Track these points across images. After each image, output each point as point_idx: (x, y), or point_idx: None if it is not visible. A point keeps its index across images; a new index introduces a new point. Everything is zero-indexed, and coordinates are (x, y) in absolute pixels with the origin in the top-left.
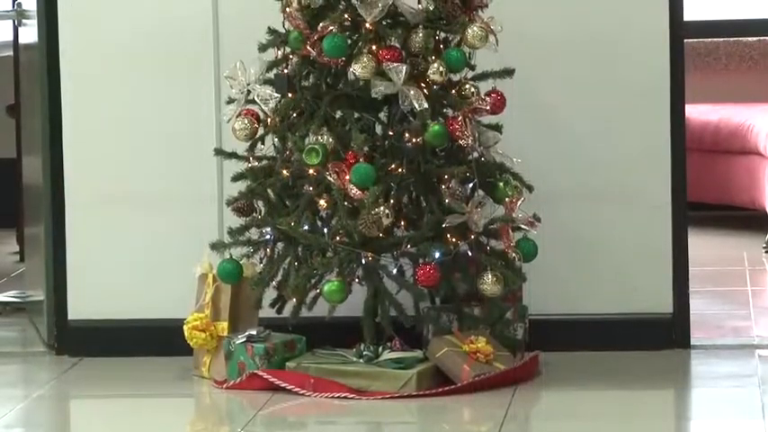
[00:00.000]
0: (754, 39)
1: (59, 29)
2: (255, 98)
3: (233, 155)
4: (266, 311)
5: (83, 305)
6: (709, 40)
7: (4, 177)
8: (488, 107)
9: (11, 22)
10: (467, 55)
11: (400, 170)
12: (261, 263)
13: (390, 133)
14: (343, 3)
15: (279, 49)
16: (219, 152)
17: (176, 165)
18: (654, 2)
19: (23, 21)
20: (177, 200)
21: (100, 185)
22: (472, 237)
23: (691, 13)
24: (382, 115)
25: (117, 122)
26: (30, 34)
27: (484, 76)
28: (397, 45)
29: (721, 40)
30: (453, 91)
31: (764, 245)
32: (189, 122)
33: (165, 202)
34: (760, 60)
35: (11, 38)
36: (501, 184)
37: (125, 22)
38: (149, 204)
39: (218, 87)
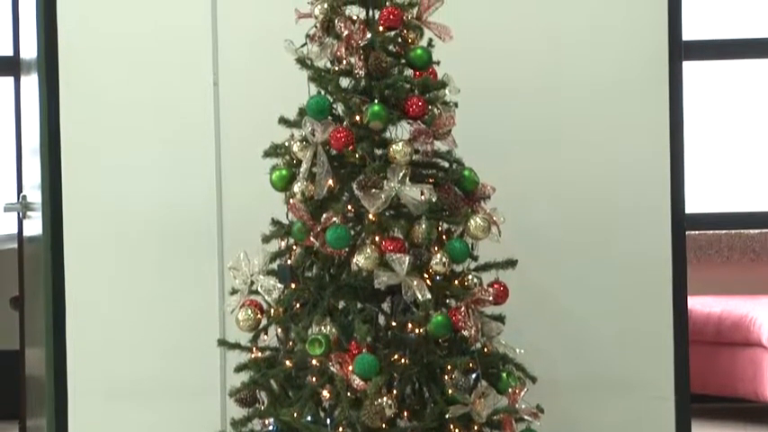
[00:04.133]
0: (756, 231)
1: (64, 222)
2: (259, 289)
3: (236, 345)
4: None
5: None
6: (711, 232)
7: (7, 369)
8: (491, 298)
9: (16, 214)
10: (469, 246)
11: (403, 361)
12: None
13: (393, 324)
14: (346, 194)
15: (282, 239)
16: (223, 343)
17: (180, 355)
18: (655, 193)
19: (28, 213)
20: (180, 391)
21: (103, 377)
22: (475, 428)
23: (692, 206)
24: (385, 306)
25: (120, 314)
26: (34, 227)
27: (486, 267)
28: (400, 236)
29: (723, 232)
30: (456, 282)
31: None
32: (192, 313)
33: (169, 393)
34: (762, 253)
35: (15, 230)
36: (504, 374)
37: (127, 212)
38: (152, 395)
39: (221, 278)
